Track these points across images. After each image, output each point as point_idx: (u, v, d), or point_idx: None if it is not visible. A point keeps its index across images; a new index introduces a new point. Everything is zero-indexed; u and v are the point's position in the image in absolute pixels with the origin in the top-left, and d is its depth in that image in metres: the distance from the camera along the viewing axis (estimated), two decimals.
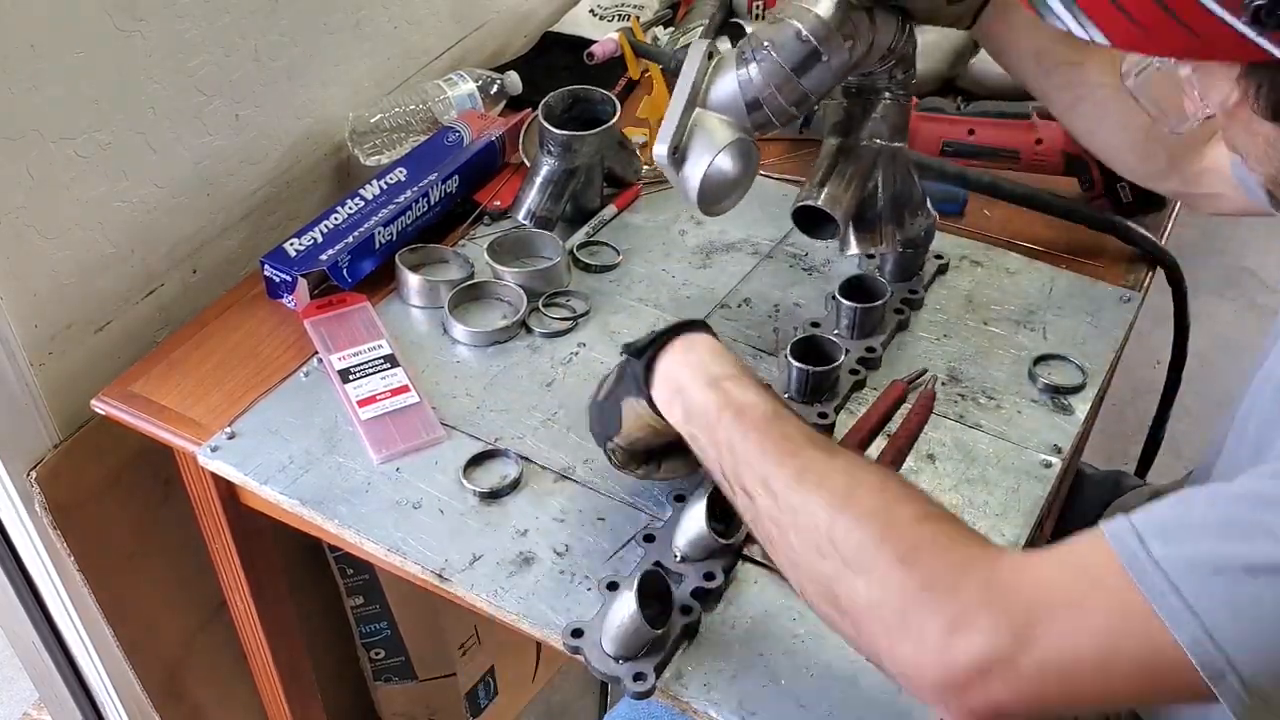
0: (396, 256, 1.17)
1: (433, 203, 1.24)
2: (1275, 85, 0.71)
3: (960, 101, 1.36)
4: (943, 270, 1.21)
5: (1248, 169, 0.82)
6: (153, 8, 1.08)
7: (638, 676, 0.83)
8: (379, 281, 1.19)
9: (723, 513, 0.90)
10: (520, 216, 1.24)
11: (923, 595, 0.67)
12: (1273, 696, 0.62)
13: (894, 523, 0.70)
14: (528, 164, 1.32)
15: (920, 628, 0.66)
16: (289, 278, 1.14)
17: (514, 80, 1.42)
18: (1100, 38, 0.73)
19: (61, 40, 1.01)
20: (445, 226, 1.26)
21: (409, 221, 1.21)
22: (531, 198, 1.24)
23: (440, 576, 0.92)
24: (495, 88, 1.40)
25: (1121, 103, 1.02)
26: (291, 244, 1.17)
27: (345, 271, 1.16)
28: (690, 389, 0.82)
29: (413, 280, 1.16)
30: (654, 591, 0.84)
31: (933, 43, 1.25)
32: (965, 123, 1.32)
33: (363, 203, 1.22)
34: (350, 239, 1.17)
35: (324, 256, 1.15)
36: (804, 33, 0.92)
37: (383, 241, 1.19)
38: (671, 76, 0.94)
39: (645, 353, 0.85)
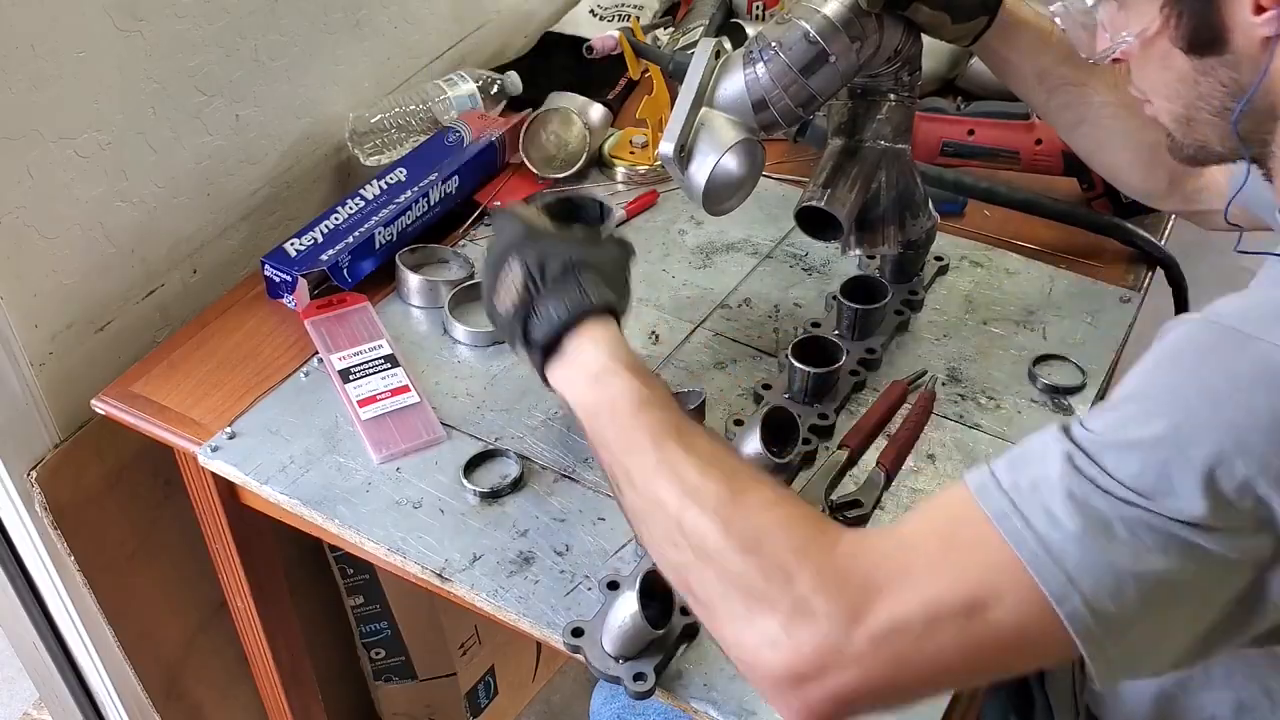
0: (397, 257, 1.17)
1: (433, 203, 1.24)
2: (1195, 13, 0.74)
3: (960, 102, 1.36)
4: (943, 271, 1.21)
5: (1149, 110, 0.84)
6: (153, 8, 1.08)
7: (638, 676, 0.83)
8: (379, 281, 1.19)
9: None
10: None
11: (763, 585, 0.67)
12: (1114, 617, 0.62)
13: (738, 512, 0.71)
14: (528, 164, 1.32)
15: (762, 618, 0.67)
16: (289, 278, 1.14)
17: (514, 80, 1.42)
18: None
19: (61, 40, 1.01)
20: (446, 226, 1.26)
21: (409, 222, 1.21)
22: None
23: (440, 576, 0.92)
24: (495, 88, 1.40)
25: (1123, 123, 1.04)
26: (292, 244, 1.17)
27: (346, 272, 1.16)
28: (578, 384, 0.82)
29: (413, 280, 1.16)
30: (655, 591, 0.84)
31: (932, 44, 1.26)
32: (965, 123, 1.32)
33: (363, 203, 1.22)
34: (350, 239, 1.17)
35: (324, 256, 1.15)
36: (812, 34, 0.92)
37: (383, 241, 1.19)
38: (671, 78, 0.94)
39: (545, 349, 0.84)
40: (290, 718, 1.38)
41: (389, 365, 1.08)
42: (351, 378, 1.06)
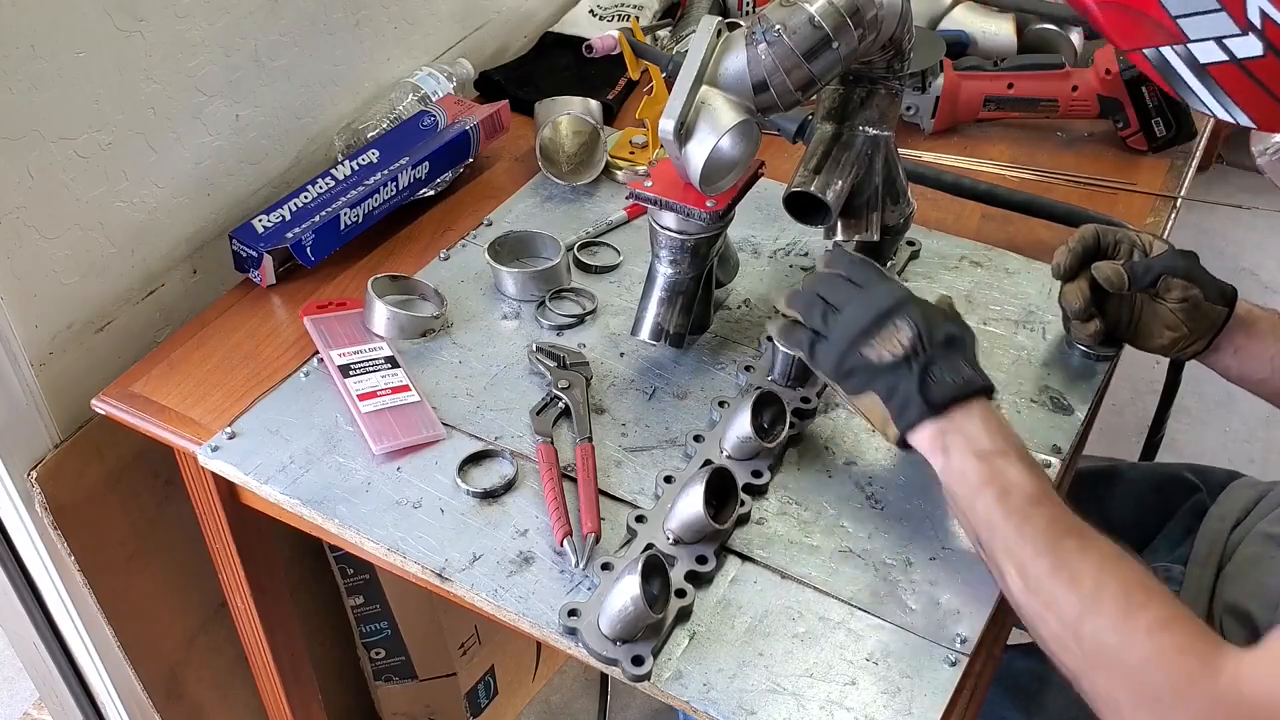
0: (369, 283, 1.12)
1: (401, 187, 1.24)
2: None
3: (996, 59, 1.44)
4: (915, 256, 1.21)
5: None
6: (153, 8, 1.08)
7: (636, 659, 0.84)
8: (343, 262, 1.20)
9: (718, 497, 0.91)
10: (646, 335, 1.06)
11: (1152, 706, 0.74)
12: None
13: (1133, 632, 0.76)
14: (549, 175, 1.30)
15: None
16: (255, 254, 1.15)
17: (464, 65, 1.45)
18: (1246, 120, 0.77)
19: (61, 40, 1.01)
20: (417, 212, 1.27)
21: (376, 205, 1.22)
22: (656, 312, 1.06)
23: (440, 576, 0.92)
24: (456, 79, 1.42)
25: None
26: (260, 220, 1.18)
27: (309, 250, 1.17)
28: (957, 453, 0.85)
29: (379, 309, 1.11)
30: (653, 574, 0.85)
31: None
32: (1005, 78, 1.40)
33: (333, 183, 1.22)
34: (317, 219, 1.18)
35: (290, 235, 1.17)
36: (817, 19, 0.93)
37: (348, 223, 1.20)
38: (670, 81, 0.94)
39: (935, 407, 0.86)
40: (290, 718, 1.38)
41: (389, 365, 1.08)
42: (352, 373, 1.06)
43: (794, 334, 0.94)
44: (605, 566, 0.90)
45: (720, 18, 0.95)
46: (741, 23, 0.96)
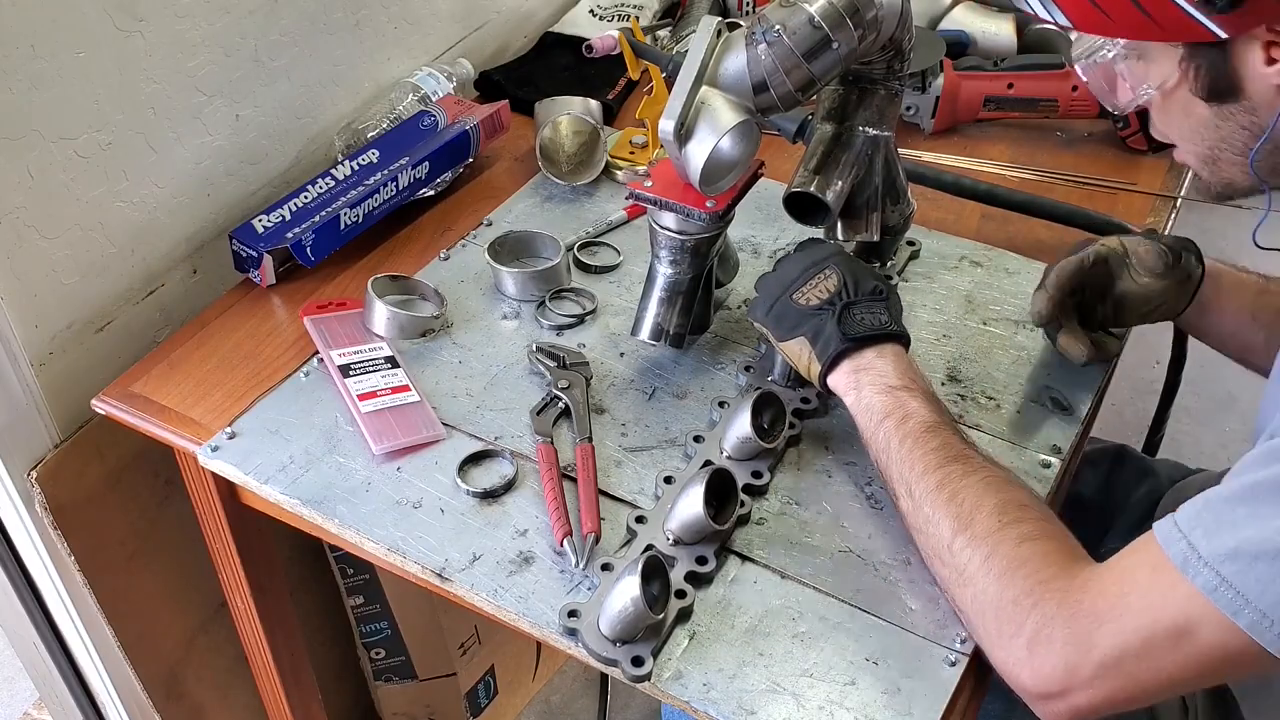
0: (369, 283, 1.12)
1: (401, 187, 1.24)
2: (1212, 66, 0.81)
3: (996, 59, 1.44)
4: (915, 256, 1.21)
5: (1177, 155, 0.90)
6: (153, 8, 1.08)
7: (636, 660, 0.84)
8: (343, 262, 1.20)
9: (718, 497, 0.91)
10: (646, 335, 1.06)
11: (1011, 610, 0.78)
12: None
13: (1001, 544, 0.81)
14: (549, 175, 1.30)
15: (1010, 638, 0.79)
16: (255, 254, 1.15)
17: (464, 65, 1.46)
18: (1064, 20, 0.83)
19: (61, 40, 1.01)
20: (416, 212, 1.27)
21: (376, 205, 1.22)
22: (656, 312, 1.06)
23: (440, 576, 0.92)
24: (456, 79, 1.42)
25: None
26: (260, 220, 1.18)
27: (309, 250, 1.17)
28: (868, 388, 0.93)
29: (379, 309, 1.11)
30: (653, 575, 0.85)
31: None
32: (1005, 78, 1.40)
33: (333, 183, 1.22)
34: (317, 219, 1.18)
35: (290, 235, 1.17)
36: (817, 19, 0.93)
37: (348, 223, 1.20)
38: (670, 81, 0.94)
39: (853, 343, 0.94)
40: (290, 718, 1.38)
41: (389, 365, 1.08)
42: (352, 373, 1.06)
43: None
44: (605, 567, 0.90)
45: (720, 18, 0.95)
46: (741, 23, 0.96)
